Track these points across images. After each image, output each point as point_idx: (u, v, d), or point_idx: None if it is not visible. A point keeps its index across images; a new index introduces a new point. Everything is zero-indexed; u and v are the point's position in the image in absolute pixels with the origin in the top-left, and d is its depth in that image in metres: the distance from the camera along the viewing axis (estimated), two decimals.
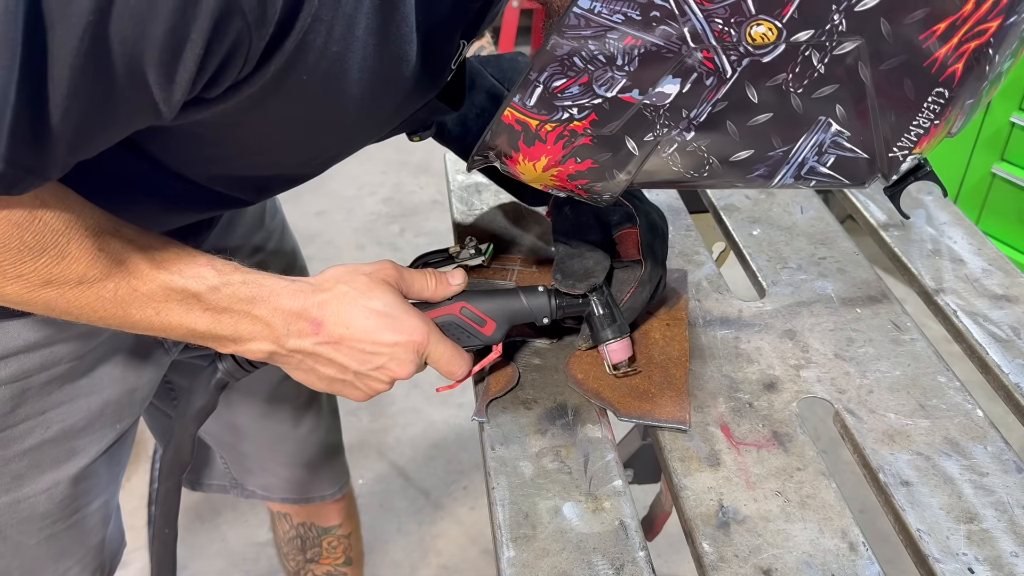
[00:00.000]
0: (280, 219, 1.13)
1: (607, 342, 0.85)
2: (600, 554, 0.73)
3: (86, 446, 0.90)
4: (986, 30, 0.56)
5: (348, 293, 0.77)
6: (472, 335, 0.83)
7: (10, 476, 0.85)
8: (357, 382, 0.80)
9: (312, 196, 2.95)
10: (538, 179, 0.70)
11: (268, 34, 0.56)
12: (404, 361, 0.79)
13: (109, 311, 0.69)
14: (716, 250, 1.23)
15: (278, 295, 0.74)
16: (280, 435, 1.20)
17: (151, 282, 0.69)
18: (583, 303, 0.85)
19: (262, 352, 0.76)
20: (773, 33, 0.57)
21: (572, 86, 0.62)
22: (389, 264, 0.81)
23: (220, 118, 0.63)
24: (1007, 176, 2.32)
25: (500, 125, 0.66)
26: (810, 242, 1.11)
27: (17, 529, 0.88)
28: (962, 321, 0.99)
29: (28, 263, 0.63)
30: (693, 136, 0.63)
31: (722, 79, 0.60)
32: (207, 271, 0.71)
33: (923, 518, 0.77)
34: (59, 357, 0.83)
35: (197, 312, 0.72)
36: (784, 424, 0.85)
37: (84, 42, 0.51)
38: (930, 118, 0.60)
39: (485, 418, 0.86)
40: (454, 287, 0.83)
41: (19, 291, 0.65)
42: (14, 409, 0.82)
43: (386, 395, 2.27)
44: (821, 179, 0.65)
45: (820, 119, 0.62)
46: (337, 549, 1.37)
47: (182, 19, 0.52)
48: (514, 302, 0.84)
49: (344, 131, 0.72)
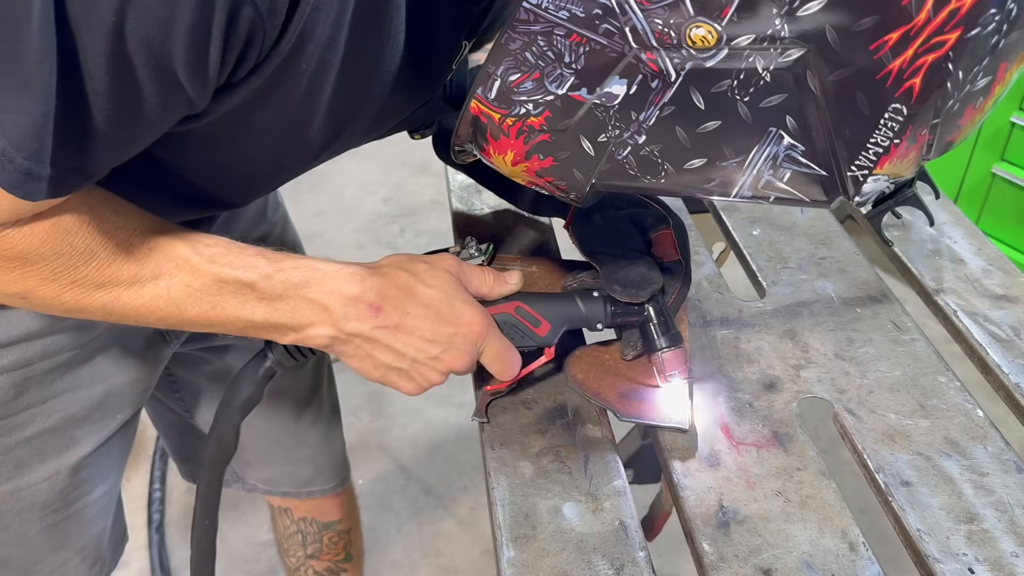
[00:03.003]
0: (282, 212, 1.13)
1: (662, 351, 0.82)
2: (600, 554, 0.73)
3: (87, 435, 0.91)
4: (944, 42, 0.53)
5: (408, 279, 0.76)
6: (526, 335, 0.82)
7: (12, 464, 0.86)
8: (412, 372, 0.78)
9: (312, 196, 2.95)
10: (513, 173, 0.69)
11: (280, 23, 0.57)
12: (462, 352, 0.77)
13: (165, 309, 0.69)
14: (716, 250, 1.23)
15: (332, 278, 0.73)
16: (281, 428, 1.20)
17: (203, 276, 0.69)
18: (638, 310, 0.83)
19: (324, 337, 0.74)
20: (713, 36, 0.56)
21: (526, 81, 0.62)
22: (450, 256, 0.81)
23: (228, 113, 0.64)
24: (1007, 176, 2.32)
25: (468, 116, 0.66)
26: (810, 242, 1.11)
27: (18, 518, 0.89)
28: (962, 321, 0.99)
29: (81, 268, 0.64)
30: (645, 140, 0.62)
31: (667, 82, 0.59)
32: (258, 260, 0.71)
33: (923, 518, 0.77)
34: (61, 346, 0.84)
35: (253, 302, 0.71)
36: (784, 424, 0.85)
37: (110, 44, 0.53)
38: (889, 136, 0.57)
39: (485, 418, 0.86)
40: (511, 285, 0.82)
41: (76, 297, 0.66)
42: (16, 397, 0.83)
43: (387, 395, 2.27)
44: (780, 194, 0.63)
45: (771, 130, 0.60)
46: (337, 545, 1.38)
47: (201, 17, 0.53)
48: (570, 306, 0.83)
49: (334, 122, 0.72)
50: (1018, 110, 2.27)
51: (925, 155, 0.60)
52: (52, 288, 0.64)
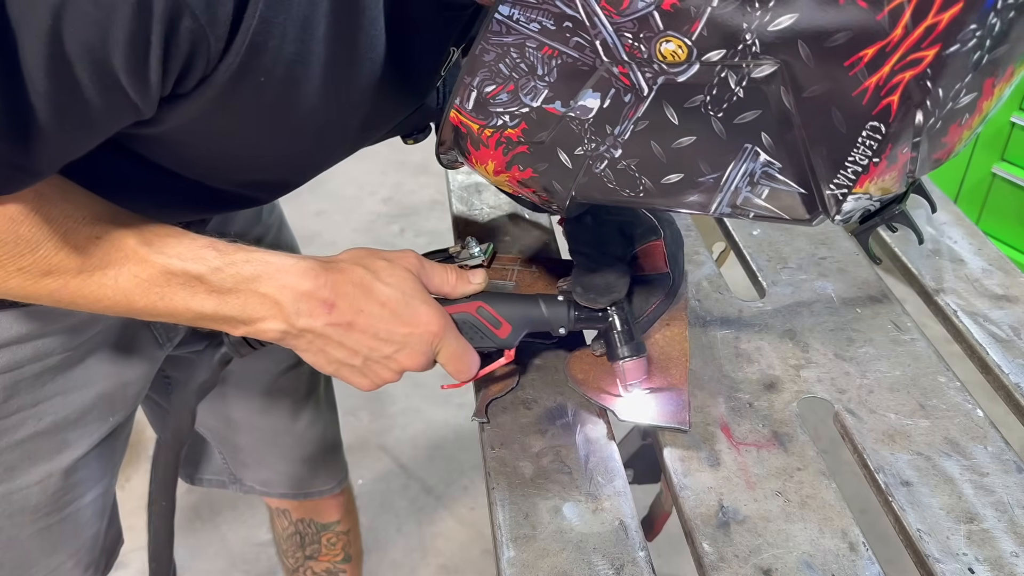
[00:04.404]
0: (278, 214, 1.13)
1: (623, 360, 0.83)
2: (600, 554, 0.73)
3: (79, 438, 0.91)
4: (921, 59, 0.51)
5: (365, 276, 0.75)
6: (486, 336, 0.82)
7: (2, 467, 0.86)
8: (365, 369, 0.77)
9: (311, 196, 2.95)
10: (497, 183, 0.69)
11: (224, 35, 0.56)
12: (416, 352, 0.77)
13: (113, 299, 0.69)
14: (716, 250, 1.23)
15: (285, 273, 0.72)
16: (278, 429, 1.20)
17: (151, 267, 0.69)
18: (602, 317, 0.83)
19: (274, 331, 0.73)
20: (683, 51, 0.55)
21: (501, 93, 0.61)
22: (411, 253, 0.80)
23: (189, 121, 0.63)
24: (1007, 176, 2.32)
25: (448, 126, 0.66)
26: (810, 242, 1.11)
27: (10, 521, 0.89)
28: (962, 321, 0.99)
29: (27, 256, 0.64)
30: (621, 154, 0.61)
31: (640, 97, 0.58)
32: (208, 252, 0.70)
33: (923, 518, 0.77)
34: (51, 348, 0.84)
35: (202, 295, 0.71)
36: (784, 424, 0.85)
37: (48, 47, 0.52)
38: (867, 155, 0.56)
39: (485, 418, 0.86)
40: (474, 285, 0.82)
41: (22, 283, 0.66)
42: (7, 400, 0.83)
43: (386, 394, 2.27)
44: (759, 211, 0.62)
45: (746, 147, 0.59)
46: (336, 546, 1.37)
47: (138, 24, 0.53)
48: (533, 308, 0.82)
49: (318, 133, 0.71)
50: (1018, 110, 2.27)
51: (910, 172, 0.59)
52: None
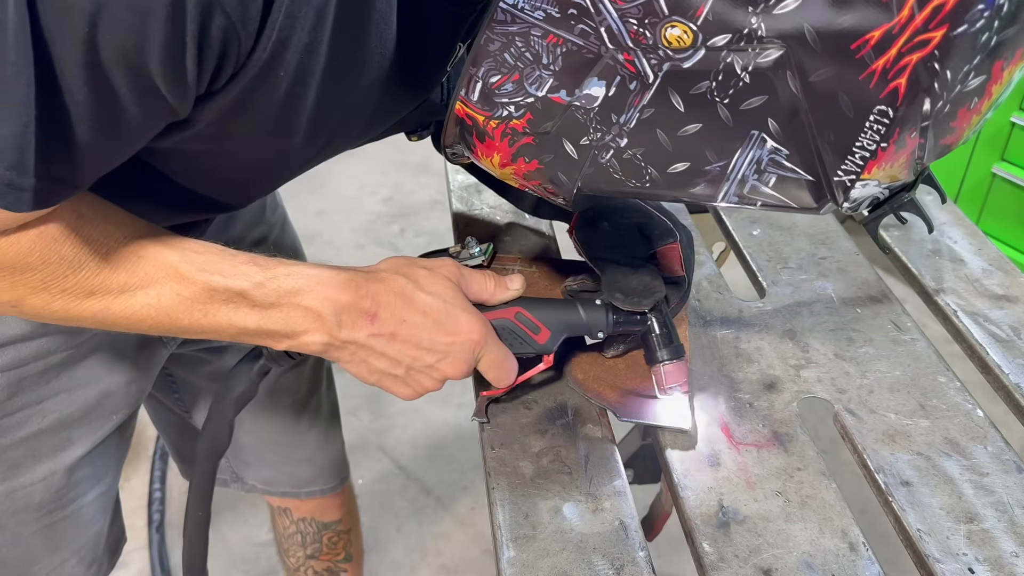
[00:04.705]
0: (281, 213, 1.13)
1: (663, 363, 0.81)
2: (600, 554, 0.73)
3: (82, 436, 0.91)
4: (928, 40, 0.51)
5: (406, 286, 0.74)
6: (525, 341, 0.81)
7: (7, 465, 0.86)
8: (408, 378, 0.77)
9: (312, 196, 2.95)
10: (503, 176, 0.68)
11: (254, 30, 0.57)
12: (459, 360, 0.76)
13: (156, 318, 0.69)
14: (716, 250, 1.23)
15: (326, 285, 0.71)
16: (280, 428, 1.20)
17: (193, 285, 0.68)
18: (641, 320, 0.81)
19: (317, 344, 0.73)
20: (689, 36, 0.54)
21: (506, 83, 0.61)
22: (450, 261, 0.80)
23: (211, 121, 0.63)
24: (1007, 176, 2.32)
25: (453, 119, 0.66)
26: (810, 242, 1.11)
27: (14, 519, 0.89)
28: (962, 321, 0.99)
29: (70, 277, 0.64)
30: (627, 143, 0.61)
31: (645, 84, 0.58)
32: (249, 268, 0.70)
33: (923, 518, 0.77)
34: (55, 346, 0.84)
35: (245, 310, 0.70)
36: (784, 424, 0.85)
37: (84, 56, 0.52)
38: (875, 139, 0.55)
39: (485, 418, 0.86)
40: (512, 291, 0.81)
41: (66, 306, 0.65)
42: (11, 397, 0.83)
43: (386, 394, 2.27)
44: (766, 200, 0.61)
45: (753, 133, 0.58)
46: (337, 545, 1.38)
47: (173, 28, 0.53)
48: (571, 313, 0.82)
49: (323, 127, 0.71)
50: (1018, 110, 2.27)
51: (918, 159, 0.58)
52: (43, 297, 0.64)
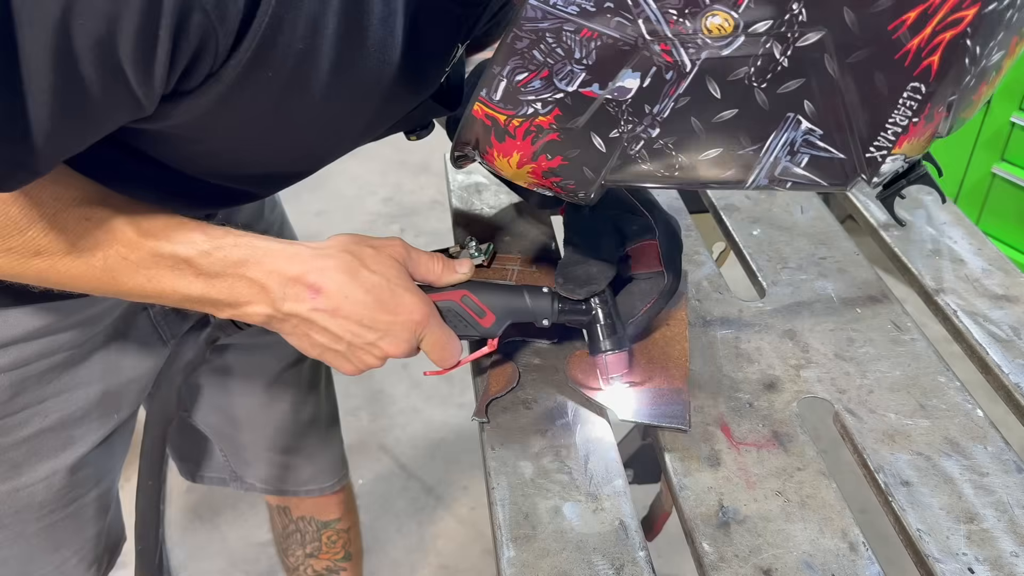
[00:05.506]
0: (280, 212, 1.13)
1: (605, 353, 0.83)
2: (600, 554, 0.73)
3: (84, 435, 0.91)
4: (961, 19, 0.53)
5: (351, 263, 0.76)
6: (470, 324, 0.83)
7: (9, 464, 0.86)
8: (349, 354, 0.78)
9: (312, 196, 2.95)
10: (516, 176, 0.69)
11: (234, 30, 0.57)
12: (399, 340, 0.78)
13: (101, 279, 0.70)
14: (716, 250, 1.23)
15: (273, 257, 0.73)
16: (278, 427, 1.20)
17: (140, 249, 0.69)
18: (585, 310, 0.84)
19: (260, 315, 0.75)
20: (730, 24, 0.55)
21: (534, 80, 0.61)
22: (398, 241, 0.81)
23: (194, 118, 0.63)
24: (1007, 176, 2.32)
25: (471, 120, 0.66)
26: (810, 242, 1.11)
27: (16, 518, 0.89)
28: (962, 321, 0.99)
29: (16, 237, 0.64)
30: (659, 133, 0.61)
31: (682, 73, 0.58)
32: (197, 236, 0.71)
33: (923, 518, 0.77)
34: (58, 345, 0.84)
35: (189, 277, 0.71)
36: (784, 424, 0.85)
37: (55, 40, 0.52)
38: (907, 115, 0.57)
39: (485, 418, 0.86)
40: (460, 275, 0.83)
41: (11, 263, 0.66)
42: (13, 397, 0.83)
43: (386, 394, 2.27)
44: (797, 180, 0.62)
45: (788, 116, 0.59)
46: (336, 544, 1.38)
47: (148, 17, 0.53)
48: (517, 299, 0.83)
49: (324, 129, 0.72)
50: (1018, 110, 2.27)
51: (939, 132, 0.60)
52: None
